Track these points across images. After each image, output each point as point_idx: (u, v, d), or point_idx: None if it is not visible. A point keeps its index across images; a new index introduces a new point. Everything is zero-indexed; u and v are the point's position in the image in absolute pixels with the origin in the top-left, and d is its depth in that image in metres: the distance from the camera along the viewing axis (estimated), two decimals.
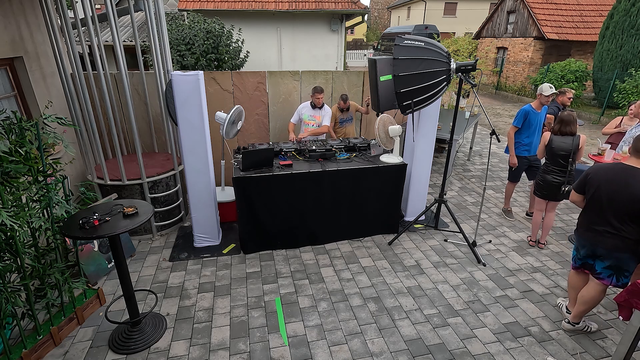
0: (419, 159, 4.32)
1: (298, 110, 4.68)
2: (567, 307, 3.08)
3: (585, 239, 2.70)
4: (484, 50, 18.48)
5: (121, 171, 3.80)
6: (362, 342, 2.80)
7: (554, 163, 3.75)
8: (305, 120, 4.65)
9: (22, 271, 2.38)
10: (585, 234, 2.71)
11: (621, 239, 2.50)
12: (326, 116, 4.64)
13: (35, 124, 2.41)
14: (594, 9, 15.71)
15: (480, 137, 8.71)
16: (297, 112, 4.69)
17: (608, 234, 2.55)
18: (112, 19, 3.43)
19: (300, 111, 4.66)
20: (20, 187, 2.34)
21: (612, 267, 2.59)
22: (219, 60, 8.31)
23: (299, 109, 4.67)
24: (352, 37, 36.10)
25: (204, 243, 3.98)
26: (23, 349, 2.49)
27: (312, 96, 4.51)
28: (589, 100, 13.42)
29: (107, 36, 9.92)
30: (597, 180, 2.59)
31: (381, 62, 3.77)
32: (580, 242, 2.78)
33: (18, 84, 3.81)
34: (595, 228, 2.62)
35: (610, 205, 2.52)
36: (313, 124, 4.64)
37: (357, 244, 4.12)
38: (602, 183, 2.56)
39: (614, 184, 2.49)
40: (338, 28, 12.16)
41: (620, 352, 2.30)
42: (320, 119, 4.63)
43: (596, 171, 2.61)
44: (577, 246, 2.83)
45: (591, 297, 2.72)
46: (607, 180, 2.53)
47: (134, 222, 2.42)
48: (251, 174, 3.60)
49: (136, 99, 4.55)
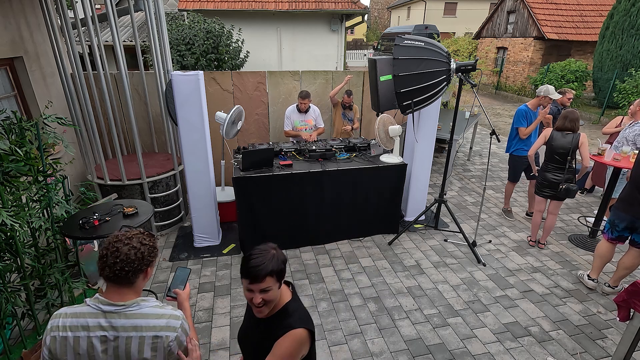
0: (419, 159, 4.32)
1: (288, 117, 4.65)
2: (589, 275, 3.45)
3: (627, 213, 3.09)
4: (484, 50, 18.49)
5: (121, 171, 3.80)
6: (362, 342, 2.80)
7: (552, 160, 3.76)
8: (297, 127, 4.66)
9: (22, 271, 2.38)
10: (629, 209, 3.08)
11: None
12: (318, 117, 4.72)
13: (35, 124, 2.41)
14: (594, 9, 15.71)
15: (480, 137, 8.71)
16: (288, 119, 4.65)
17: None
18: (112, 19, 3.43)
19: (290, 117, 4.64)
20: (20, 187, 2.34)
21: None
22: (219, 60, 8.31)
23: (289, 116, 4.64)
24: (352, 37, 36.11)
25: (204, 243, 3.98)
26: (23, 348, 2.48)
27: (298, 101, 4.53)
28: (589, 100, 13.42)
29: (107, 36, 9.91)
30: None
31: (381, 62, 3.77)
32: (620, 216, 3.14)
33: (18, 84, 3.81)
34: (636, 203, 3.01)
35: None
36: (306, 128, 4.67)
37: (357, 244, 4.12)
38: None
39: None
40: (338, 28, 12.16)
41: (620, 352, 2.30)
42: (312, 122, 4.68)
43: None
44: (614, 220, 3.21)
45: (632, 263, 3.18)
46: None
47: (134, 222, 2.42)
48: (251, 174, 3.60)
49: (136, 99, 4.55)
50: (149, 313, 1.27)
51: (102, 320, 1.23)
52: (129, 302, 1.26)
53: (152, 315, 1.27)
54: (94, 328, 1.22)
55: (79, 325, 1.22)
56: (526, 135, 4.36)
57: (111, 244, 1.25)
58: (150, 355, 1.25)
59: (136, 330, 1.24)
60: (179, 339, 1.29)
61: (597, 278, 3.42)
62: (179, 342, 1.29)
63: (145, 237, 1.32)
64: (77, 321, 1.23)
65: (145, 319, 1.26)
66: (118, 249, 1.24)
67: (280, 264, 1.37)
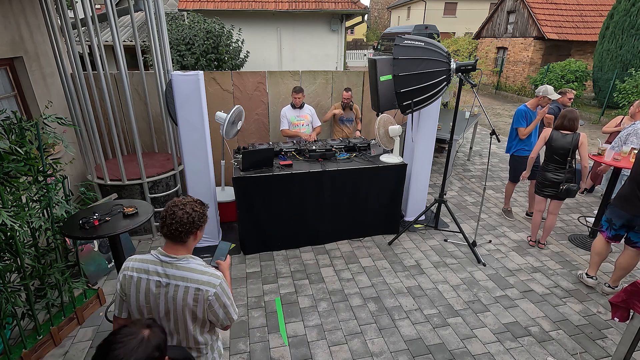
0: (419, 159, 4.32)
1: (283, 115, 4.66)
2: (587, 272, 3.46)
3: (626, 211, 3.08)
4: (484, 50, 18.48)
5: (121, 171, 3.80)
6: (362, 342, 2.80)
7: (552, 160, 3.76)
8: (293, 122, 4.66)
9: (22, 271, 2.38)
10: (627, 206, 3.08)
11: None
12: (314, 115, 4.74)
13: (35, 124, 2.41)
14: (594, 9, 15.71)
15: (480, 137, 8.71)
16: (284, 117, 4.66)
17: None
18: (112, 19, 3.43)
19: (285, 116, 4.65)
20: (20, 187, 2.34)
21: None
22: (219, 60, 8.30)
23: (284, 114, 4.65)
24: (352, 37, 36.10)
25: (204, 243, 3.98)
26: (23, 349, 2.49)
27: (292, 96, 4.56)
28: (589, 100, 13.42)
29: (107, 36, 9.91)
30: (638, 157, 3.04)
31: (381, 62, 3.76)
32: (618, 214, 3.14)
33: (18, 84, 3.81)
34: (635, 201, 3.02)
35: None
36: (302, 123, 4.67)
37: (357, 244, 4.12)
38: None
39: None
40: (338, 28, 12.15)
41: (620, 352, 2.30)
42: (308, 118, 4.69)
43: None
44: (611, 218, 3.22)
45: (628, 263, 3.18)
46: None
47: (134, 222, 2.42)
48: (251, 174, 3.60)
49: (136, 99, 4.55)
50: (195, 268, 1.51)
51: (159, 267, 1.49)
52: (180, 256, 1.51)
53: (197, 270, 1.51)
54: (152, 273, 1.49)
55: (142, 269, 1.50)
56: (525, 135, 4.36)
57: (169, 208, 1.50)
58: (192, 304, 1.49)
59: (183, 280, 1.48)
60: (218, 296, 1.50)
61: (595, 275, 3.43)
62: (217, 298, 1.50)
63: (197, 205, 1.56)
64: (141, 265, 1.51)
65: (191, 272, 1.50)
66: (174, 212, 1.49)
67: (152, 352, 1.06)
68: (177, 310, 1.49)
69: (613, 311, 2.30)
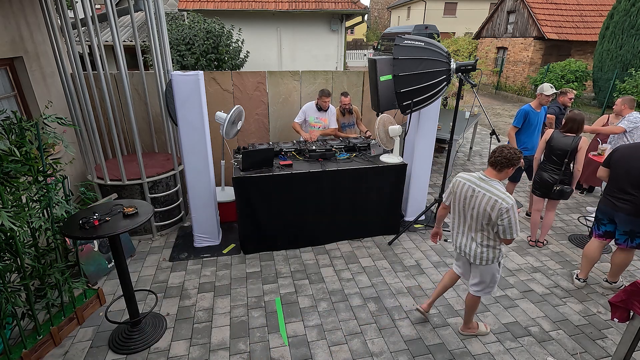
0: (419, 159, 4.32)
1: (304, 111, 4.61)
2: (578, 275, 3.51)
3: (607, 206, 3.21)
4: (484, 50, 18.49)
5: (121, 171, 3.80)
6: (362, 342, 2.80)
7: (550, 160, 3.76)
8: (311, 123, 4.61)
9: (22, 271, 2.38)
10: (606, 201, 3.22)
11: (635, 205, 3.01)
12: (332, 117, 4.63)
13: (35, 124, 2.42)
14: (594, 9, 15.71)
15: (480, 137, 8.71)
16: (303, 112, 4.61)
17: (625, 201, 3.07)
18: (112, 19, 3.43)
19: (306, 112, 4.60)
20: (20, 187, 2.34)
21: (627, 233, 3.13)
22: (219, 60, 8.30)
23: (305, 110, 4.60)
24: (352, 37, 36.10)
25: (204, 243, 3.98)
26: (23, 349, 2.49)
27: (319, 99, 4.46)
28: (589, 100, 13.42)
29: (107, 36, 9.91)
30: (619, 155, 3.12)
31: (381, 62, 3.76)
32: (603, 210, 3.26)
33: (18, 84, 3.81)
34: (617, 196, 3.13)
35: (628, 176, 3.03)
36: (319, 126, 4.62)
37: (357, 244, 4.12)
38: (624, 158, 3.07)
39: (633, 159, 3.01)
40: (338, 28, 12.16)
41: (620, 352, 2.30)
42: (327, 121, 4.62)
43: (620, 149, 3.14)
44: (598, 215, 3.34)
45: (622, 261, 3.29)
46: (630, 155, 3.05)
47: (134, 222, 2.41)
48: (251, 174, 3.60)
49: (136, 99, 4.55)
50: (499, 188, 2.32)
51: (477, 180, 2.40)
52: (492, 179, 2.37)
53: (499, 190, 2.31)
54: (472, 182, 2.41)
55: (468, 178, 2.44)
56: (511, 135, 4.47)
57: (499, 148, 2.35)
58: (490, 210, 2.30)
59: (488, 192, 2.31)
60: (507, 210, 2.24)
61: (584, 278, 3.47)
62: (506, 211, 2.25)
63: (517, 151, 2.32)
64: (468, 176, 2.45)
65: (494, 189, 2.31)
66: (502, 150, 2.32)
67: None
68: (480, 208, 2.35)
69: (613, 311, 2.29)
